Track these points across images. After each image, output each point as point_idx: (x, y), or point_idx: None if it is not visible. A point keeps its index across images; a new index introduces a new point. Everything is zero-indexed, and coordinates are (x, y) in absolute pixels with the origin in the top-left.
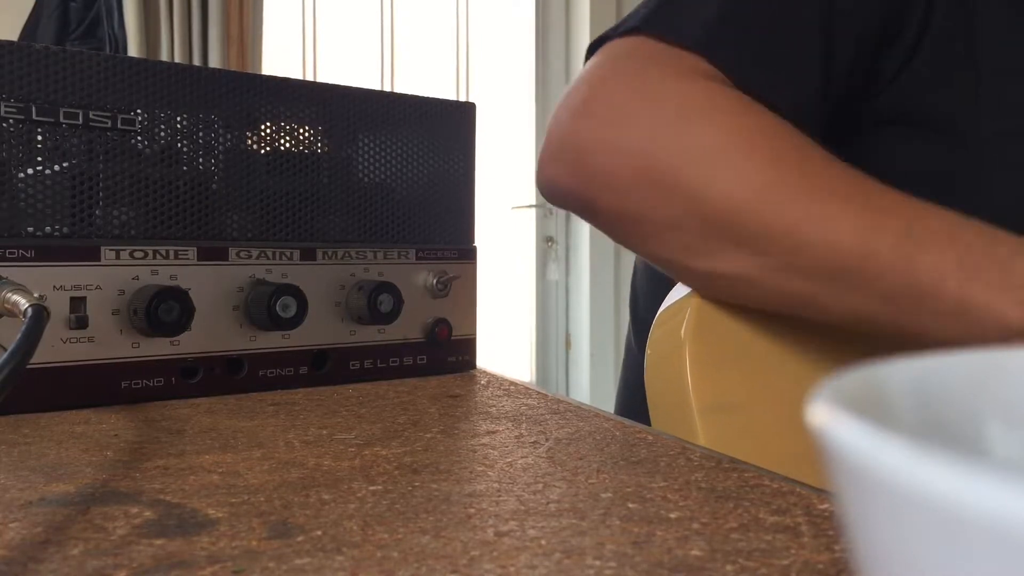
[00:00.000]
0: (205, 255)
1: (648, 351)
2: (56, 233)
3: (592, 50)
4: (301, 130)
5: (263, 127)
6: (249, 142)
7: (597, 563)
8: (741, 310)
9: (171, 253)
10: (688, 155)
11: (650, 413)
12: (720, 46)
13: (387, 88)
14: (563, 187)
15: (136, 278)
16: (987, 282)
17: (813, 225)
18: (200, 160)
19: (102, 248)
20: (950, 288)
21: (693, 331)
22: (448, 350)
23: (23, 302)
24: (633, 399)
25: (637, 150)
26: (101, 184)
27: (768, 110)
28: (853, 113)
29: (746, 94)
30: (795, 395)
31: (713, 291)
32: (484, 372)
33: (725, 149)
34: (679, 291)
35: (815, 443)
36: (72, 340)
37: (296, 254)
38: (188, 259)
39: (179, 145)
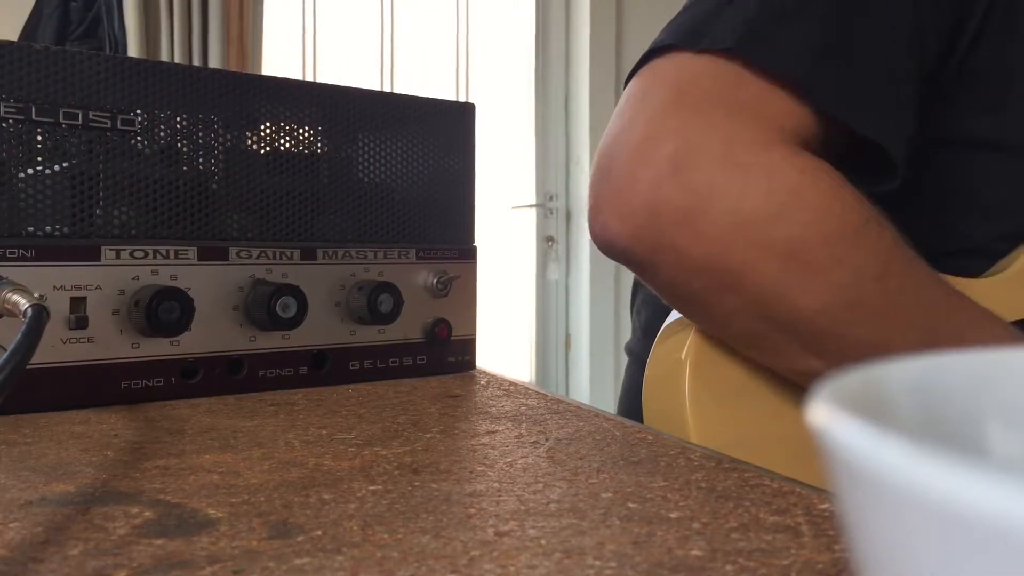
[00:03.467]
0: (205, 255)
1: (648, 370)
2: (56, 233)
3: (652, 55)
4: (301, 130)
5: (263, 127)
6: (249, 142)
7: (597, 563)
8: None
9: (171, 253)
10: (764, 251)
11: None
12: (822, 84)
13: (387, 88)
14: (624, 247)
15: (136, 278)
16: None
17: (874, 348)
18: (200, 160)
19: (102, 248)
20: None
21: (694, 353)
22: (448, 350)
23: (23, 302)
24: (635, 406)
25: (714, 233)
26: (101, 184)
27: (851, 199)
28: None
29: (837, 132)
30: (797, 428)
31: (771, 367)
32: (484, 372)
33: (800, 255)
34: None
35: (815, 443)
36: (72, 340)
37: (296, 254)
38: (188, 259)
39: (179, 145)
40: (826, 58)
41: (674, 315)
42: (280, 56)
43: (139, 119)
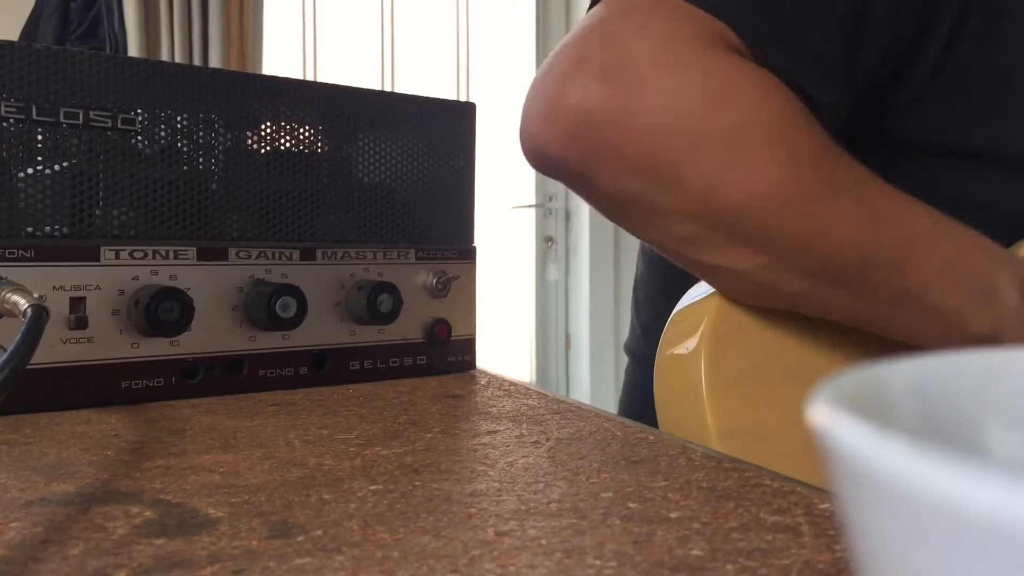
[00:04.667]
0: (205, 255)
1: (659, 356)
2: (56, 233)
3: None
4: (301, 130)
5: (263, 127)
6: (249, 142)
7: (598, 563)
8: (759, 316)
9: (171, 253)
10: (703, 143)
11: (659, 424)
12: (747, 19)
13: (387, 88)
14: (556, 155)
15: (136, 278)
16: (962, 290)
17: (818, 233)
18: (200, 160)
19: (102, 248)
20: (931, 297)
21: (709, 338)
22: (448, 350)
23: (23, 302)
24: (636, 405)
25: (650, 128)
26: (101, 184)
27: (790, 95)
28: (876, 132)
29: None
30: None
31: (710, 281)
32: (484, 372)
33: (741, 141)
34: (696, 292)
35: (816, 443)
36: (72, 340)
37: (296, 254)
38: (188, 259)
39: (179, 145)
40: (764, 9)
41: (684, 301)
42: (280, 56)
43: (139, 119)
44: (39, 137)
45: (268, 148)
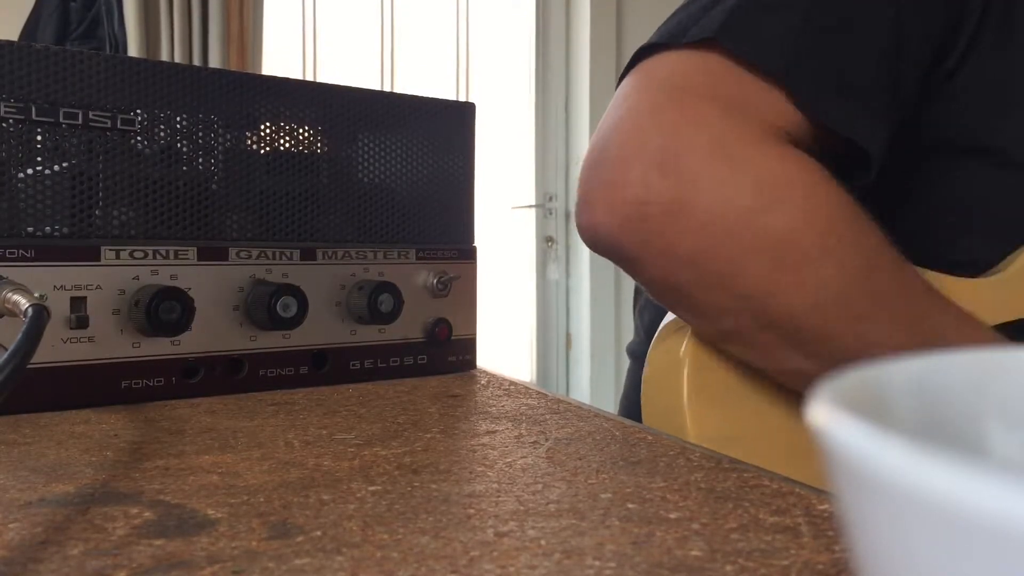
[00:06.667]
0: (205, 255)
1: (646, 368)
2: (56, 233)
3: (642, 55)
4: (301, 130)
5: (263, 127)
6: (249, 142)
7: (597, 563)
8: None
9: (171, 253)
10: (752, 246)
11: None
12: (802, 78)
13: (387, 88)
14: (612, 240)
15: (136, 278)
16: None
17: (861, 345)
18: (200, 160)
19: (102, 248)
20: None
21: (692, 351)
22: (448, 350)
23: (23, 302)
24: (637, 407)
25: (701, 226)
26: (101, 184)
27: (840, 194)
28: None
29: (820, 126)
30: (794, 425)
31: (744, 360)
32: (484, 372)
33: (789, 250)
34: None
35: (815, 443)
36: (72, 340)
37: (296, 254)
38: (188, 259)
39: (179, 145)
40: (805, 50)
41: (672, 315)
42: (280, 56)
43: (139, 119)
44: (39, 137)
45: (268, 148)
